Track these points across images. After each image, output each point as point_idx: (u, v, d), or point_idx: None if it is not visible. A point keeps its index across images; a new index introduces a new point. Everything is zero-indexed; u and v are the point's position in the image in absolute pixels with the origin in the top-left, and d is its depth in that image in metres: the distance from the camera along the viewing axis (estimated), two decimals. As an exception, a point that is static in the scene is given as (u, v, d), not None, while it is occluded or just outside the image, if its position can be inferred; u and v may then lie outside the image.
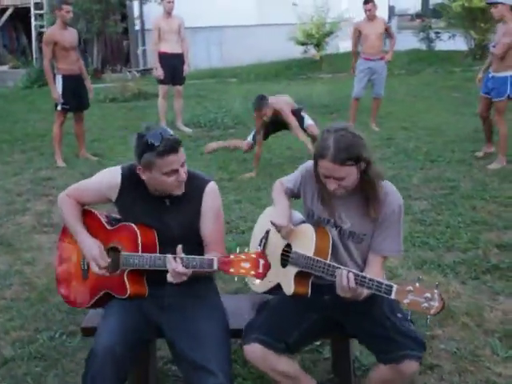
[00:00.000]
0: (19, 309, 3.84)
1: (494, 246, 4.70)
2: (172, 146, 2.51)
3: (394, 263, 4.37)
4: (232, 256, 2.39)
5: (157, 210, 2.70)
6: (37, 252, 4.72)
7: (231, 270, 2.38)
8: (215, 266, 2.44)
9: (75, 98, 7.18)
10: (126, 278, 2.66)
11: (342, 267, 2.52)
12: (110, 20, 14.33)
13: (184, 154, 2.58)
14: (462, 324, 3.60)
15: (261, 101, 6.58)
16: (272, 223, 2.81)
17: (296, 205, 2.92)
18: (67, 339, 3.49)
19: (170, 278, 2.52)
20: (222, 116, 9.84)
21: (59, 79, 7.04)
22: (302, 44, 13.89)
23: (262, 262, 2.35)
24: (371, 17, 8.87)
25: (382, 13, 17.85)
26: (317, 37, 13.54)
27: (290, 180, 2.94)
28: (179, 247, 2.52)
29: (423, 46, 15.12)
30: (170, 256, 2.51)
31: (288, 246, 2.82)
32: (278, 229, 2.80)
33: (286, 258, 2.79)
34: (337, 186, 2.56)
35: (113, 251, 2.73)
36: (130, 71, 14.30)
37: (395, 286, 2.33)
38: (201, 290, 2.77)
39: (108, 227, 2.75)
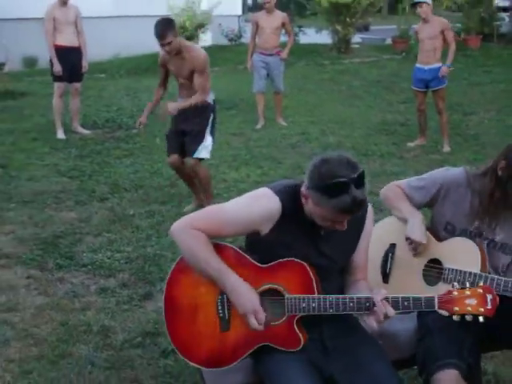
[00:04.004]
0: (40, 371, 3.04)
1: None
2: (354, 210, 2.06)
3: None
4: (455, 292, 2.05)
5: (313, 239, 2.24)
6: (11, 293, 3.83)
7: (455, 309, 2.05)
8: (436, 306, 2.07)
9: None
10: (296, 327, 2.16)
11: None
12: None
13: None
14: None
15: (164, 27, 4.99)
16: (409, 239, 2.57)
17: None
18: (134, 403, 2.83)
19: (372, 323, 2.12)
20: (117, 115, 9.06)
21: None
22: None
23: (489, 296, 2.05)
24: (269, 9, 8.64)
25: (236, 6, 17.96)
26: (190, 29, 13.03)
27: (415, 187, 2.66)
28: (383, 291, 2.11)
29: (288, 40, 15.32)
30: (376, 296, 2.08)
31: (432, 261, 2.59)
32: (415, 245, 2.56)
33: (436, 274, 2.53)
34: None
35: (269, 294, 2.20)
36: (-21, 67, 12.66)
37: None
38: (352, 323, 2.38)
39: (259, 265, 2.20)
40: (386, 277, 2.71)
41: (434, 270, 2.57)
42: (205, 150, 5.24)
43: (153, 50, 14.95)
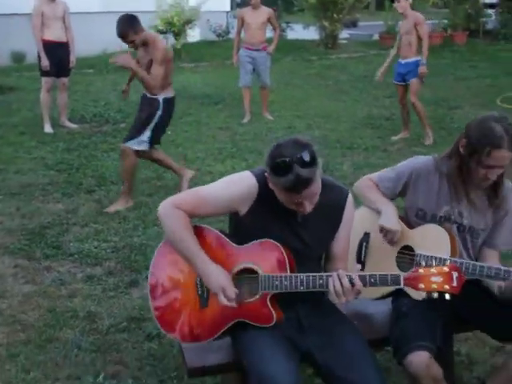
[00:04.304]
0: (28, 355, 3.12)
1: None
2: (299, 188, 2.13)
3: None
4: (421, 270, 2.15)
5: (289, 224, 2.34)
6: (0, 282, 3.90)
7: (420, 286, 2.14)
8: (401, 283, 2.17)
9: None
10: (269, 304, 2.27)
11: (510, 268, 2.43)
12: None
13: (315, 188, 2.18)
14: None
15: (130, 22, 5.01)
16: (383, 228, 2.66)
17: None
18: (118, 383, 2.91)
19: (333, 298, 2.22)
20: (104, 110, 9.11)
21: None
22: (162, 33, 13.33)
23: (455, 274, 2.14)
24: (255, 5, 8.72)
25: (224, 2, 18.00)
26: (177, 25, 13.08)
27: (386, 179, 2.77)
28: (358, 266, 2.22)
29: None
30: (343, 273, 2.18)
31: (404, 247, 2.69)
32: (390, 234, 2.64)
33: (409, 260, 2.62)
34: (495, 175, 2.50)
35: (242, 274, 2.30)
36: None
37: None
38: (327, 305, 2.47)
39: (236, 246, 2.31)
40: (361, 265, 2.80)
41: (406, 257, 2.66)
42: (138, 143, 5.26)
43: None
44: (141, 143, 5.27)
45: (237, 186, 2.30)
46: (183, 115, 8.97)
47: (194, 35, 15.81)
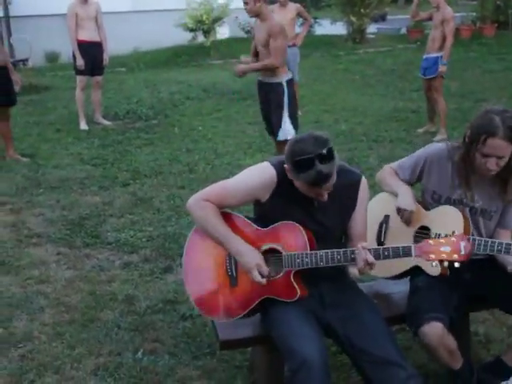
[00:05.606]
0: (72, 333, 3.38)
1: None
2: (320, 182, 2.34)
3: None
4: (430, 241, 2.33)
5: (307, 209, 2.54)
6: (44, 268, 4.18)
7: (431, 256, 2.33)
8: (413, 254, 2.36)
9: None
10: (293, 280, 2.47)
11: None
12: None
13: (333, 180, 2.37)
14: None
15: None
16: (399, 209, 2.83)
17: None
18: (156, 358, 3.15)
19: (355, 272, 2.45)
20: (137, 107, 9.41)
21: None
22: (191, 30, 13.61)
23: (463, 244, 2.31)
24: (283, 3, 8.91)
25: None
26: (207, 23, 13.33)
27: (405, 166, 2.96)
28: (364, 244, 2.41)
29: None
30: (358, 245, 2.38)
31: (421, 228, 2.86)
32: (406, 213, 2.81)
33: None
34: (495, 165, 2.62)
35: (267, 253, 2.51)
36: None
37: None
38: (350, 283, 2.68)
39: (260, 229, 2.52)
40: (381, 245, 2.98)
41: (423, 236, 2.83)
42: (286, 134, 5.48)
43: (171, 44, 15.38)
44: (288, 133, 5.47)
45: (257, 177, 2.52)
46: (213, 111, 9.23)
47: (223, 32, 16.05)
